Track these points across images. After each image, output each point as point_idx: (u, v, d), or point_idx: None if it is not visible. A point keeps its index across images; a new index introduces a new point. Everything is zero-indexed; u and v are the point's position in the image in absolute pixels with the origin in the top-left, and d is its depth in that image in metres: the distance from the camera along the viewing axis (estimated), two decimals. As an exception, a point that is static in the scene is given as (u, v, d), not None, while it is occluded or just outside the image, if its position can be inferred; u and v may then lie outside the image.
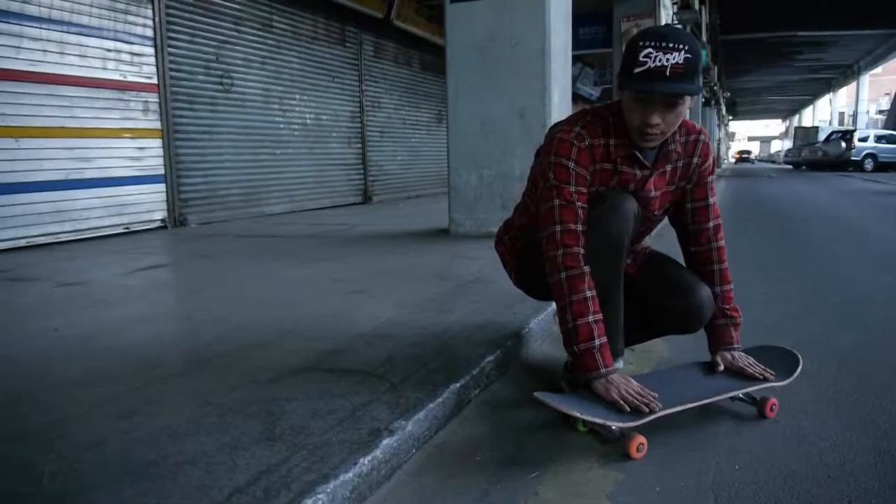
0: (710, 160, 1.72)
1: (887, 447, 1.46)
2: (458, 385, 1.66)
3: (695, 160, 1.68)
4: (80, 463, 1.26)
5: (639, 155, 1.59)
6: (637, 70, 1.42)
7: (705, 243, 1.74)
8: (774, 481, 1.32)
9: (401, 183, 9.98)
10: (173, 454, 1.28)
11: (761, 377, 1.63)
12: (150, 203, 5.64)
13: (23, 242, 4.58)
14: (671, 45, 1.41)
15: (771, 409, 1.62)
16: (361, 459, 1.25)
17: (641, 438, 1.42)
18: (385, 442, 1.33)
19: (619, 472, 1.37)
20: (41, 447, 1.33)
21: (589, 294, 1.54)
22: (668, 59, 1.40)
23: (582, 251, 1.56)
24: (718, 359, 1.70)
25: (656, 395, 1.48)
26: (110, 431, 1.40)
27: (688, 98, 1.49)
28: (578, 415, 1.42)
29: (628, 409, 1.44)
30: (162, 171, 5.73)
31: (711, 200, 1.74)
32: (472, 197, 4.62)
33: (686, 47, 1.41)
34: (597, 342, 1.52)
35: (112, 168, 5.26)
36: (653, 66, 1.41)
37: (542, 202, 1.61)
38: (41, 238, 4.71)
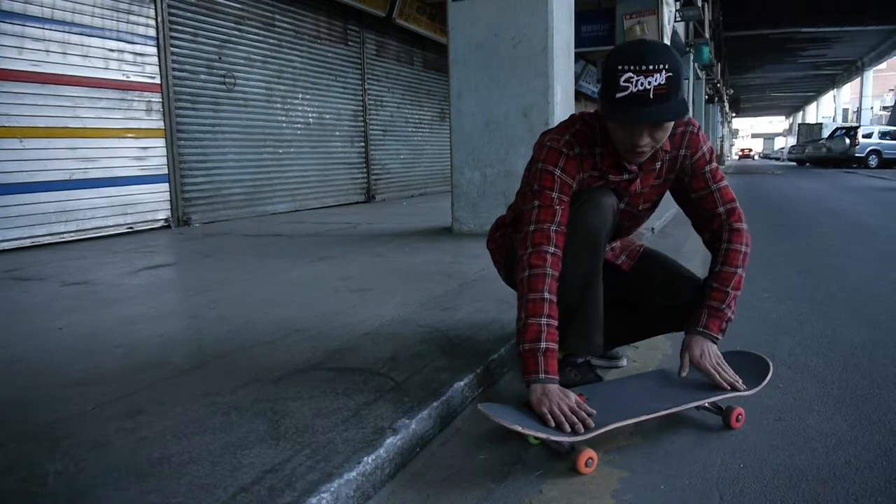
0: (703, 151, 1.64)
1: (894, 445, 1.45)
2: (462, 383, 1.66)
3: (682, 152, 1.63)
4: (85, 462, 1.26)
5: (625, 163, 1.57)
6: (619, 95, 1.39)
7: (718, 228, 1.67)
8: (780, 479, 1.31)
9: (404, 181, 9.98)
10: (178, 453, 1.28)
11: (730, 387, 1.53)
12: (153, 203, 5.66)
13: (28, 242, 4.60)
14: (651, 66, 1.36)
15: (737, 420, 1.54)
16: (365, 458, 1.25)
17: (591, 452, 1.35)
18: (389, 441, 1.33)
19: (624, 469, 1.37)
20: (47, 446, 1.33)
21: (547, 296, 1.48)
22: (649, 82, 1.36)
23: (552, 251, 1.51)
24: (685, 358, 1.58)
25: (593, 412, 1.39)
26: (116, 430, 1.40)
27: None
28: (520, 429, 1.34)
29: (553, 424, 1.36)
30: (165, 171, 5.75)
31: (715, 186, 1.65)
32: (476, 195, 4.62)
33: (666, 65, 1.37)
34: (542, 345, 1.45)
35: (116, 168, 5.27)
36: (635, 90, 1.37)
37: (523, 205, 1.60)
38: (46, 238, 4.73)
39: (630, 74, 1.37)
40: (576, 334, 1.65)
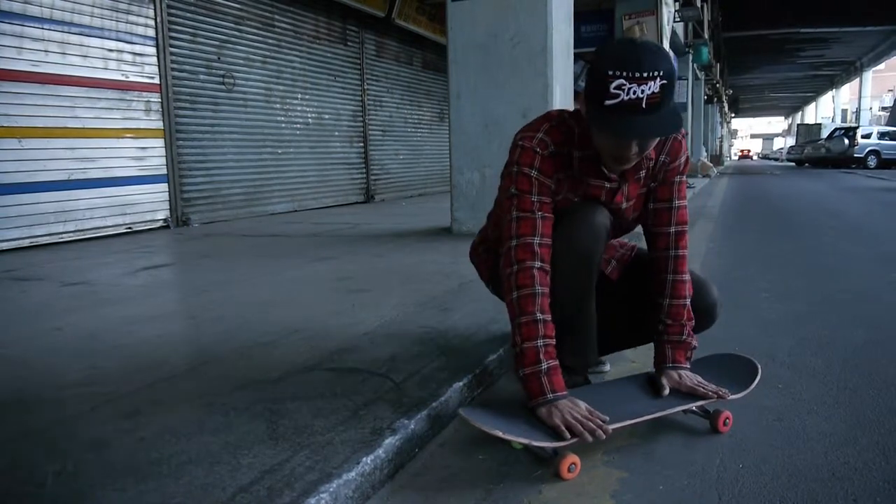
0: (682, 159, 1.57)
1: (893, 445, 1.45)
2: (461, 384, 1.66)
3: (662, 157, 1.55)
4: (84, 462, 1.26)
5: (605, 170, 1.49)
6: (608, 103, 1.29)
7: (663, 249, 1.59)
8: (779, 479, 1.31)
9: (403, 182, 9.98)
10: (177, 453, 1.28)
11: (714, 397, 1.51)
12: (152, 203, 5.65)
13: (27, 242, 4.59)
14: (645, 73, 1.26)
15: (724, 423, 1.51)
16: (364, 458, 1.24)
17: (574, 458, 1.33)
18: (388, 441, 1.33)
19: (623, 470, 1.37)
20: (46, 447, 1.33)
21: (540, 316, 1.42)
22: (642, 91, 1.27)
23: (538, 266, 1.44)
24: (664, 380, 1.56)
25: (606, 418, 1.37)
26: (114, 431, 1.40)
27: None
28: (500, 434, 1.31)
29: (568, 435, 1.32)
30: (164, 171, 5.74)
31: (677, 203, 1.59)
32: (475, 195, 4.61)
33: (661, 72, 1.27)
34: (544, 366, 1.40)
35: (115, 168, 5.27)
36: (626, 98, 1.28)
37: (502, 214, 1.51)
38: (45, 238, 4.73)
39: (622, 81, 1.27)
40: (570, 351, 1.59)
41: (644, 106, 1.29)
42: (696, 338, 1.62)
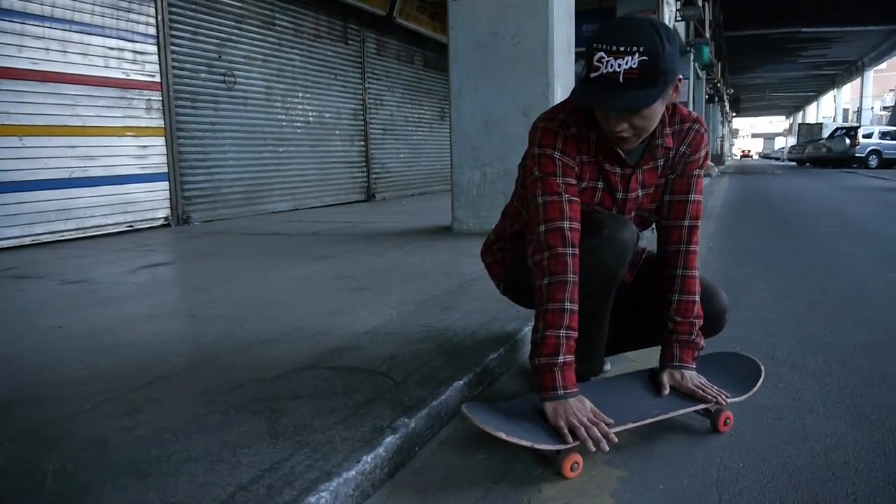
0: (702, 153, 1.57)
1: (893, 445, 1.45)
2: (461, 382, 1.66)
3: (682, 149, 1.54)
4: (83, 461, 1.26)
5: (621, 152, 1.48)
6: (592, 75, 1.31)
7: (675, 243, 1.58)
8: (779, 479, 1.31)
9: (404, 180, 9.97)
10: (177, 452, 1.28)
11: (713, 401, 1.49)
12: (153, 201, 5.65)
13: (28, 240, 4.59)
14: (623, 48, 1.27)
15: (725, 423, 1.51)
16: (364, 457, 1.24)
17: (577, 457, 1.33)
18: (388, 440, 1.33)
19: (623, 469, 1.37)
20: (45, 445, 1.33)
21: (568, 306, 1.39)
22: (619, 65, 1.27)
23: (570, 252, 1.41)
24: (665, 378, 1.55)
25: (611, 421, 1.36)
26: (114, 429, 1.40)
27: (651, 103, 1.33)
28: (504, 436, 1.29)
29: (571, 439, 1.31)
30: (165, 170, 5.74)
31: (693, 197, 1.58)
32: (476, 194, 4.61)
33: (641, 48, 1.26)
34: (560, 359, 1.38)
35: (115, 166, 5.27)
36: (605, 71, 1.28)
37: (528, 200, 1.50)
38: (46, 236, 4.73)
39: (602, 54, 1.29)
40: (578, 359, 1.55)
41: (621, 81, 1.28)
42: (702, 337, 1.62)
